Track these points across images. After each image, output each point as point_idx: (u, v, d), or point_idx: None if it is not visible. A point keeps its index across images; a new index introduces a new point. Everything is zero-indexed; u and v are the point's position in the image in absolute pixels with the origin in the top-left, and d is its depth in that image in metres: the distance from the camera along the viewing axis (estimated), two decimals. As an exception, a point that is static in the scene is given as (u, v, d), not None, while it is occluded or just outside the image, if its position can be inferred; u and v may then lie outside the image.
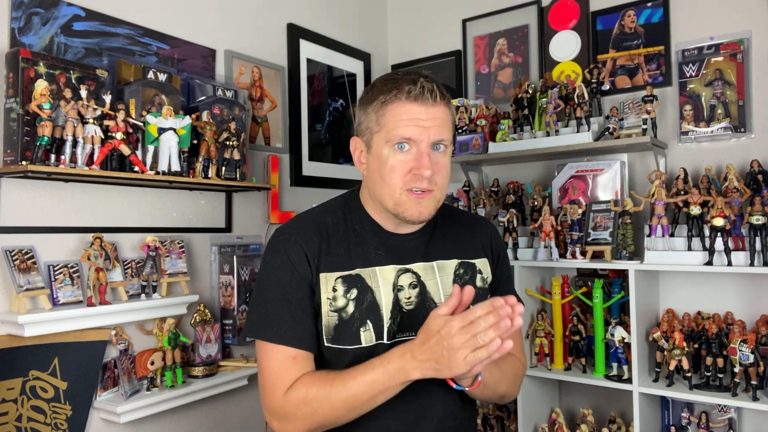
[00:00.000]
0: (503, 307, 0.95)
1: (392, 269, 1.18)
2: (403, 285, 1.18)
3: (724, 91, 2.15)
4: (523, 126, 2.42)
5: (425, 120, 1.12)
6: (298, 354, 1.12)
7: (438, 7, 2.92)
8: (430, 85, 1.13)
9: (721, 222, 1.87)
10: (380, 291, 1.16)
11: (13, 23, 1.62)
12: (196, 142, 1.90)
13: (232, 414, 2.17)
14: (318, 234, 1.18)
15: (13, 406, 1.58)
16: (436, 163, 1.14)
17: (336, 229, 1.20)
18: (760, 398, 1.83)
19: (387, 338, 1.14)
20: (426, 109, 1.12)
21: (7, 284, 1.58)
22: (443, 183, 1.17)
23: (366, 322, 1.15)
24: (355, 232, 1.21)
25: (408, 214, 1.14)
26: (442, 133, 1.14)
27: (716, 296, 2.14)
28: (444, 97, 1.15)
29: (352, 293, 1.15)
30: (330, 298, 1.14)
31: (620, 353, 2.07)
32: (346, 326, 1.14)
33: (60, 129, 1.55)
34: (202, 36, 2.14)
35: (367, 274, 1.17)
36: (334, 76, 2.75)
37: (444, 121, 1.15)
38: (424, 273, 1.21)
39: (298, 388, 1.09)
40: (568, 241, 2.22)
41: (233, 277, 2.12)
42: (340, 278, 1.16)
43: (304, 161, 2.55)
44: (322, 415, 1.07)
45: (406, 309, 1.17)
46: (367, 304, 1.15)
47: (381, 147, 1.14)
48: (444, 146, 1.16)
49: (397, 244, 1.21)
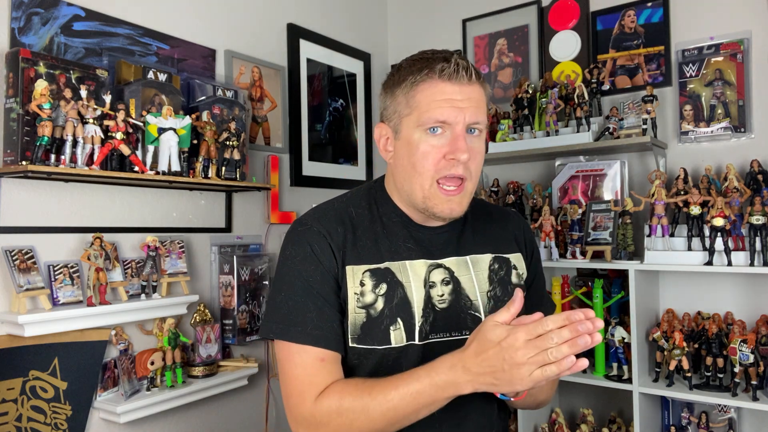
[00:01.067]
0: (582, 322, 0.83)
1: (423, 264, 1.09)
2: (435, 281, 1.08)
3: (724, 91, 2.15)
4: (523, 126, 2.42)
5: (460, 100, 1.03)
6: (327, 356, 1.02)
7: (438, 7, 2.92)
8: (464, 62, 1.04)
9: (721, 222, 1.87)
10: (411, 286, 1.06)
11: (13, 23, 1.62)
12: (196, 142, 1.90)
13: (232, 414, 2.17)
14: (342, 224, 1.09)
15: (13, 406, 1.58)
16: (471, 148, 1.04)
17: (361, 219, 1.11)
18: (760, 398, 1.83)
19: (419, 339, 1.04)
20: (461, 88, 1.03)
21: (7, 284, 1.58)
22: (477, 171, 1.07)
23: (396, 320, 1.04)
24: (382, 224, 1.11)
25: (438, 210, 1.05)
26: (477, 114, 1.04)
27: (716, 296, 2.14)
28: (479, 76, 1.07)
29: (382, 288, 1.05)
30: (357, 293, 1.05)
31: (620, 353, 2.07)
32: (374, 324, 1.04)
33: (60, 129, 1.55)
34: (202, 36, 2.14)
35: (396, 267, 1.07)
36: (334, 76, 2.75)
37: (480, 102, 1.06)
38: (458, 268, 1.11)
39: (331, 396, 0.99)
40: (568, 241, 2.22)
41: (233, 277, 2.12)
42: (368, 272, 1.06)
43: (304, 161, 2.55)
44: (359, 428, 0.97)
45: (439, 308, 1.07)
46: (398, 300, 1.05)
47: (411, 131, 1.05)
48: (479, 130, 1.06)
49: (427, 238, 1.12)
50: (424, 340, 1.05)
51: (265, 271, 2.24)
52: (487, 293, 1.11)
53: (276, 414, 2.32)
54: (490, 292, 1.12)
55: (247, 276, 2.16)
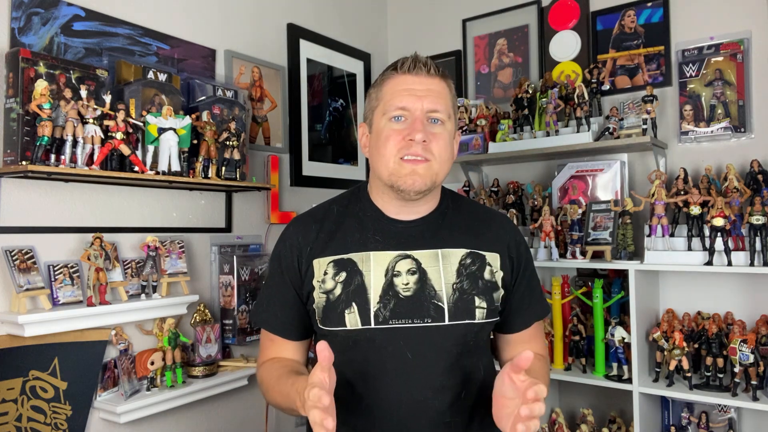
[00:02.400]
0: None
1: (389, 254, 1.17)
2: (401, 271, 1.15)
3: (724, 91, 2.15)
4: (523, 126, 2.42)
5: (419, 90, 1.14)
6: (275, 338, 1.24)
7: (438, 7, 2.92)
8: (424, 59, 1.16)
9: (721, 222, 1.88)
10: (371, 275, 1.15)
11: (13, 23, 1.62)
12: (196, 142, 1.90)
13: (232, 414, 2.17)
14: (317, 222, 1.23)
15: (13, 406, 1.58)
16: (432, 133, 1.13)
17: (339, 216, 1.23)
18: (760, 398, 1.83)
19: (375, 323, 1.12)
20: (420, 79, 1.14)
21: (7, 284, 1.58)
22: (441, 154, 1.14)
23: (351, 304, 1.13)
24: (357, 219, 1.22)
25: (401, 183, 1.13)
26: (437, 103, 1.14)
27: (716, 296, 2.14)
28: (439, 71, 1.16)
29: (341, 276, 1.16)
30: (320, 281, 1.17)
31: (620, 353, 2.07)
32: (332, 308, 1.15)
33: (60, 129, 1.55)
34: (202, 36, 2.14)
35: (360, 258, 1.17)
36: (334, 76, 2.75)
37: (440, 93, 1.15)
38: (426, 260, 1.16)
39: (262, 368, 1.24)
40: (568, 241, 2.22)
41: (233, 277, 2.12)
42: (332, 262, 1.17)
43: (304, 161, 2.55)
44: (268, 398, 1.21)
45: (403, 295, 1.13)
46: (354, 287, 1.15)
47: (379, 121, 1.16)
48: (441, 120, 1.15)
49: (399, 230, 1.19)
50: (383, 325, 1.12)
51: (265, 271, 2.24)
52: (453, 285, 1.15)
53: (276, 414, 2.32)
54: (456, 284, 1.15)
55: (247, 276, 2.16)
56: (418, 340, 1.12)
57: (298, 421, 2.41)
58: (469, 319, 1.14)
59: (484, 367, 1.21)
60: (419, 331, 1.11)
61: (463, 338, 1.15)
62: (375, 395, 1.13)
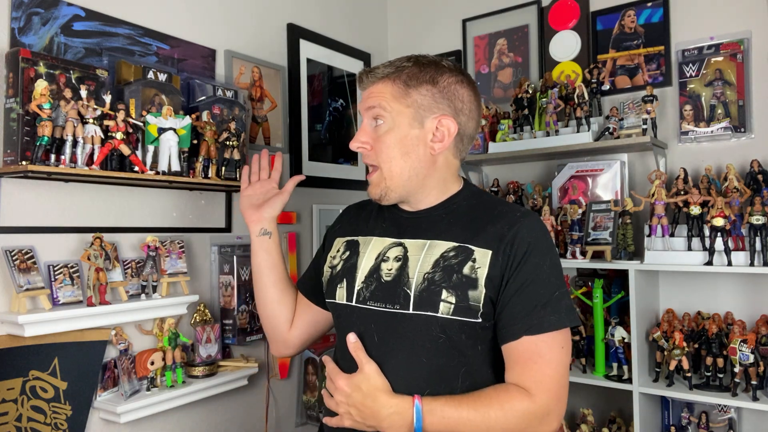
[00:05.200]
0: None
1: (387, 241, 1.23)
2: (390, 257, 1.19)
3: (724, 91, 2.15)
4: (523, 126, 2.42)
5: (365, 100, 1.22)
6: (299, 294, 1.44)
7: (438, 7, 2.93)
8: (367, 69, 1.23)
9: (721, 222, 1.88)
10: (364, 256, 1.23)
11: (13, 23, 1.62)
12: (196, 142, 1.90)
13: (232, 414, 2.17)
14: (358, 208, 1.41)
15: (13, 406, 1.58)
16: (374, 138, 1.19)
17: (370, 204, 1.35)
18: (760, 398, 1.83)
19: (356, 301, 1.19)
20: (368, 91, 1.22)
21: (7, 284, 1.58)
22: (387, 159, 1.18)
23: (343, 280, 1.23)
24: (378, 208, 1.31)
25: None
26: (371, 102, 1.19)
27: (716, 296, 2.14)
28: (380, 74, 1.20)
29: (345, 254, 1.27)
30: (332, 256, 1.31)
31: (620, 353, 2.07)
32: (331, 281, 1.27)
33: (60, 129, 1.55)
34: (202, 36, 2.14)
35: (364, 241, 1.26)
36: (334, 76, 2.75)
37: (378, 94, 1.19)
38: (413, 249, 1.18)
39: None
40: (568, 241, 2.22)
41: (233, 277, 2.12)
42: (345, 242, 1.30)
43: (304, 161, 2.55)
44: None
45: (384, 280, 1.17)
46: (349, 265, 1.24)
47: None
48: (381, 117, 1.18)
49: (402, 220, 1.25)
50: (362, 304, 1.19)
51: (265, 271, 2.23)
52: (425, 274, 1.13)
53: (276, 414, 2.32)
54: (428, 274, 1.13)
55: (247, 276, 2.16)
56: (386, 325, 1.15)
57: (298, 421, 2.41)
58: (431, 311, 1.09)
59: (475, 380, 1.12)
60: (387, 316, 1.15)
61: (426, 331, 1.10)
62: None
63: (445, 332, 1.10)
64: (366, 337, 1.17)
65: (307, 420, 2.39)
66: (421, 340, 1.12)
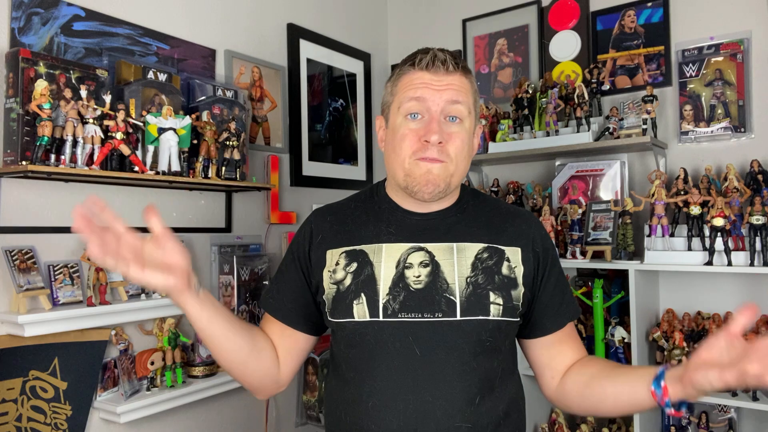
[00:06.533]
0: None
1: (402, 246, 1.13)
2: (413, 263, 1.11)
3: (724, 91, 2.15)
4: (523, 126, 2.42)
5: (437, 85, 1.09)
6: (269, 318, 1.24)
7: (438, 7, 2.93)
8: (443, 55, 1.11)
9: (721, 222, 1.88)
10: (381, 266, 1.11)
11: (13, 23, 1.62)
12: (196, 142, 1.90)
13: (232, 414, 2.17)
14: (333, 213, 1.24)
15: (13, 406, 1.58)
16: (448, 133, 1.09)
17: (355, 210, 1.23)
18: (760, 398, 1.83)
19: (383, 315, 1.08)
20: (439, 77, 1.10)
21: (7, 284, 1.58)
22: (458, 156, 1.10)
23: (360, 295, 1.10)
24: (373, 212, 1.20)
25: (416, 185, 1.09)
26: (457, 96, 1.10)
27: (716, 296, 2.14)
28: (458, 66, 1.11)
29: (352, 266, 1.13)
30: (331, 271, 1.15)
31: (620, 353, 2.07)
32: (341, 298, 1.12)
33: (60, 129, 1.55)
34: (202, 36, 2.14)
35: (371, 249, 1.14)
36: (334, 76, 2.75)
37: (459, 87, 1.11)
38: (440, 253, 1.12)
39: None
40: (568, 241, 2.22)
41: (233, 277, 2.12)
42: (344, 253, 1.15)
43: (304, 161, 2.55)
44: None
45: (413, 288, 1.09)
46: (364, 277, 1.11)
47: (395, 117, 1.13)
48: (460, 118, 1.11)
49: (413, 223, 1.16)
50: (392, 318, 1.08)
51: (265, 271, 2.24)
52: (467, 278, 1.10)
53: (276, 414, 2.32)
54: (471, 278, 1.10)
55: (247, 276, 2.16)
56: (428, 336, 1.06)
57: (298, 421, 2.41)
58: (482, 315, 1.07)
59: (506, 376, 1.14)
60: (429, 326, 1.06)
61: (476, 336, 1.08)
62: (380, 395, 1.07)
63: (493, 335, 1.10)
64: (404, 353, 1.07)
65: (307, 420, 2.39)
66: (469, 346, 1.07)
